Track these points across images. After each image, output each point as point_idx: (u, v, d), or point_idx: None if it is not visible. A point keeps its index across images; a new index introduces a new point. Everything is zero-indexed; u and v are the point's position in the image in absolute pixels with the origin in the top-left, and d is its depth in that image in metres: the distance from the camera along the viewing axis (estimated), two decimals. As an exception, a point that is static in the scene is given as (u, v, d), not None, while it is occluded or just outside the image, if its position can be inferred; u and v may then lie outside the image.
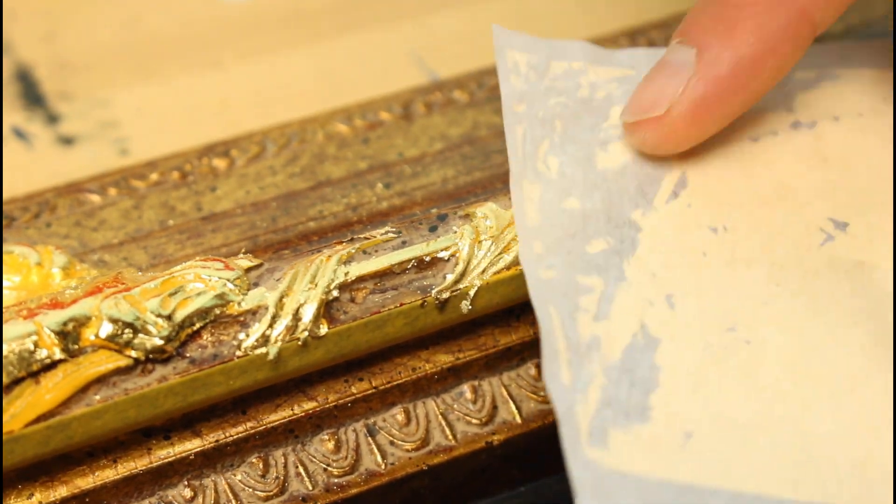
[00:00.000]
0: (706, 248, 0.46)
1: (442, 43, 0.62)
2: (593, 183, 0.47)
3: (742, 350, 0.44)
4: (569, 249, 0.45)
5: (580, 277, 0.45)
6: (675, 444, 0.43)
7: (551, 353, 0.43)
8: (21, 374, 0.42)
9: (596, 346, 0.44)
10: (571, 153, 0.47)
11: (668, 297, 0.45)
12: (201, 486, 0.46)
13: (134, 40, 0.62)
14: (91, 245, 0.49)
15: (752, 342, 0.45)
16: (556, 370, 0.43)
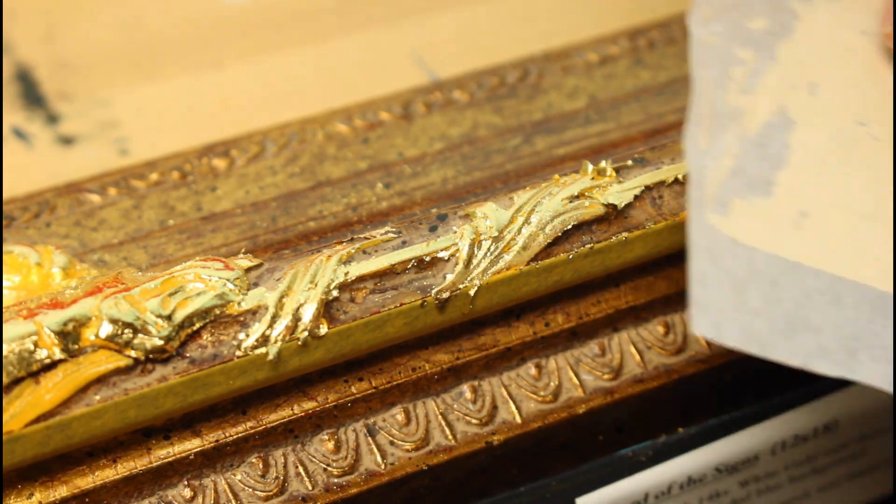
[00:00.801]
0: (854, 46, 0.48)
1: (442, 43, 0.62)
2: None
3: (869, 144, 0.46)
4: (733, 20, 0.47)
5: (737, 48, 0.47)
6: (790, 222, 0.44)
7: (696, 116, 0.45)
8: (21, 374, 0.42)
9: (737, 117, 0.45)
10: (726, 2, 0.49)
11: (810, 84, 0.47)
12: (201, 486, 0.46)
13: (134, 40, 0.62)
14: (91, 245, 0.49)
15: (880, 139, 0.46)
16: (696, 134, 0.44)
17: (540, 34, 0.62)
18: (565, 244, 0.47)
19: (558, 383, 0.49)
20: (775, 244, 0.44)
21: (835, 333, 0.43)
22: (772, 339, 0.42)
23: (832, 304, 0.43)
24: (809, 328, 0.43)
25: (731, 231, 0.44)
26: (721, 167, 0.45)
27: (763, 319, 0.42)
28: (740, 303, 0.42)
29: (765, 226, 0.44)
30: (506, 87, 0.56)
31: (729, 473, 0.52)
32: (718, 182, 0.44)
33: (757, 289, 0.43)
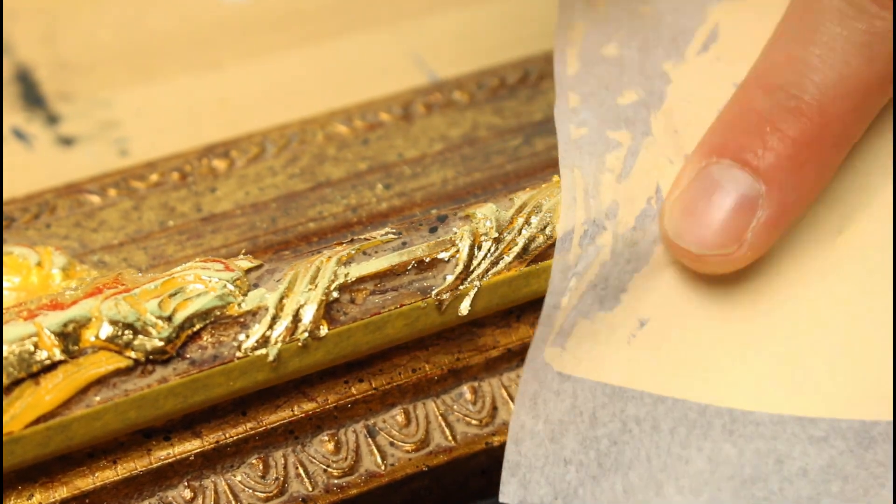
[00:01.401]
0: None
1: (442, 43, 0.62)
2: (634, 29, 0.48)
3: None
4: (601, 101, 0.47)
5: (609, 132, 0.46)
6: (626, 336, 0.45)
7: (565, 230, 0.45)
8: (21, 375, 0.42)
9: (613, 213, 0.45)
10: (594, 90, 0.49)
11: (686, 157, 0.46)
12: (201, 487, 0.46)
13: (134, 41, 0.62)
14: (91, 246, 0.49)
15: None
16: (566, 249, 0.45)
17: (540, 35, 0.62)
18: (565, 245, 0.47)
19: (558, 384, 0.49)
20: (604, 370, 0.45)
21: (644, 469, 0.44)
22: (580, 489, 0.43)
23: (649, 432, 0.44)
24: (619, 467, 0.44)
25: (562, 365, 0.45)
26: (581, 285, 0.45)
27: (574, 468, 0.44)
28: (554, 453, 0.44)
29: (600, 347, 0.45)
30: (506, 88, 0.56)
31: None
32: (571, 307, 0.45)
33: (574, 431, 0.44)
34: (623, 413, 0.44)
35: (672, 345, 0.45)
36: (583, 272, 0.45)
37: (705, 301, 0.46)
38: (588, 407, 0.44)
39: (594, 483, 0.43)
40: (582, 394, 0.44)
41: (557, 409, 0.44)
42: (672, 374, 0.45)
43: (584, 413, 0.44)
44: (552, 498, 0.43)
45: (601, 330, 0.45)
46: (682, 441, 0.44)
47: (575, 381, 0.44)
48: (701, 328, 0.45)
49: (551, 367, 0.45)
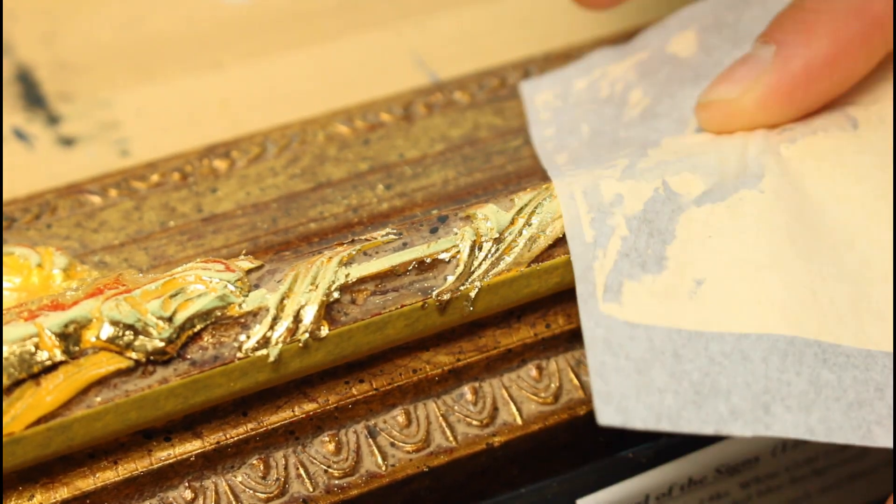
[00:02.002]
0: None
1: (442, 44, 0.62)
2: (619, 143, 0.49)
3: (755, 198, 0.47)
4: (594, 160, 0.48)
5: (603, 165, 0.48)
6: (686, 293, 0.45)
7: (571, 218, 0.46)
8: (22, 375, 0.42)
9: (619, 201, 0.46)
10: (599, 144, 0.50)
11: (689, 160, 0.48)
12: (202, 488, 0.46)
13: (134, 41, 0.62)
14: (92, 246, 0.49)
15: (765, 191, 0.47)
16: (577, 231, 0.45)
17: (540, 35, 0.62)
18: (566, 245, 0.47)
19: (559, 385, 0.49)
20: (673, 318, 0.45)
21: (745, 392, 0.43)
22: (682, 412, 0.43)
23: (740, 363, 0.44)
24: (719, 393, 0.43)
25: (626, 315, 0.44)
26: (609, 253, 0.45)
27: (670, 395, 0.43)
28: (645, 384, 0.43)
29: (660, 302, 0.45)
30: (507, 88, 0.56)
31: (730, 475, 0.52)
32: (608, 270, 0.45)
33: (661, 366, 0.43)
34: (707, 350, 0.44)
35: (739, 295, 0.45)
36: (605, 245, 0.45)
37: (760, 258, 0.46)
38: (668, 347, 0.44)
39: (696, 407, 0.43)
40: (658, 338, 0.44)
41: (636, 349, 0.43)
42: (749, 314, 0.45)
43: (666, 352, 0.44)
44: (656, 420, 0.42)
45: (657, 289, 0.45)
46: (777, 367, 0.44)
47: (646, 328, 0.44)
48: (763, 279, 0.45)
49: (615, 318, 0.44)
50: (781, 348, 0.44)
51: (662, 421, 0.42)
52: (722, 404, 0.43)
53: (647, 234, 0.46)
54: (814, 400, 0.44)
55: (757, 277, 0.45)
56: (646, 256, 0.45)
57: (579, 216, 0.46)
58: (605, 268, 0.45)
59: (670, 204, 0.46)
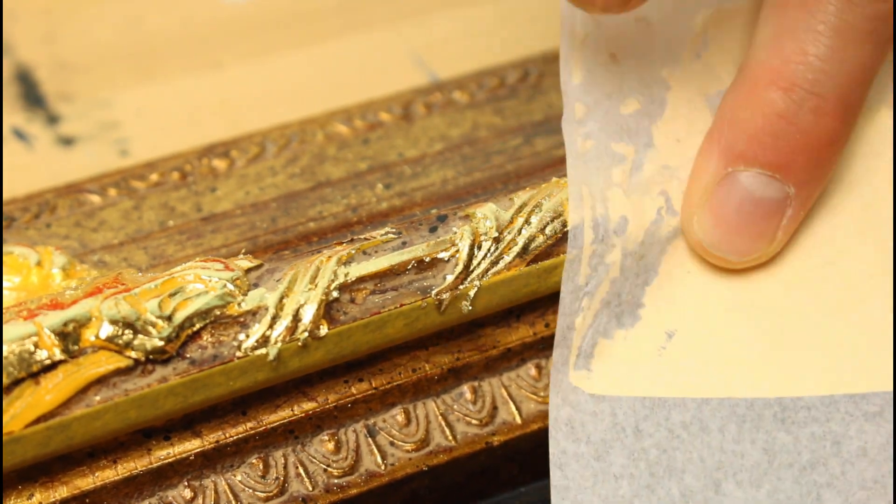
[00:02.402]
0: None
1: (442, 43, 0.62)
2: (631, 38, 0.48)
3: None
4: (605, 110, 0.47)
5: (614, 145, 0.47)
6: (655, 348, 0.45)
7: (575, 248, 0.45)
8: (21, 374, 0.42)
9: (622, 229, 0.45)
10: (599, 99, 0.49)
11: (690, 163, 0.47)
12: (201, 487, 0.46)
13: (134, 41, 0.62)
14: (91, 246, 0.49)
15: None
16: (575, 271, 0.45)
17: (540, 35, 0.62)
18: (565, 245, 0.47)
19: (558, 384, 0.49)
20: (639, 385, 0.45)
21: (699, 470, 0.44)
22: (634, 500, 0.43)
23: (698, 434, 0.44)
24: (673, 473, 0.44)
25: (593, 387, 0.45)
26: (594, 303, 0.45)
27: (626, 481, 0.43)
28: (603, 470, 0.44)
29: (628, 367, 0.45)
30: (506, 88, 0.56)
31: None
32: (586, 326, 0.45)
33: (620, 446, 0.44)
34: (668, 421, 0.44)
35: (706, 349, 0.45)
36: (594, 290, 0.45)
37: (730, 301, 0.46)
38: (630, 422, 0.44)
39: (649, 492, 0.43)
40: (621, 411, 0.44)
41: (598, 429, 0.44)
42: (712, 376, 0.45)
43: (627, 428, 0.44)
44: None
45: (626, 348, 0.45)
46: (734, 437, 0.44)
47: (611, 401, 0.44)
48: (733, 327, 0.45)
49: (581, 391, 0.45)
50: (740, 413, 0.44)
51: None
52: (675, 486, 0.44)
53: (634, 275, 0.46)
54: (766, 470, 0.44)
55: (726, 324, 0.45)
56: (624, 305, 0.46)
57: (583, 248, 0.45)
58: (585, 323, 0.45)
59: (666, 229, 0.46)
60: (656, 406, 0.44)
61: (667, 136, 0.48)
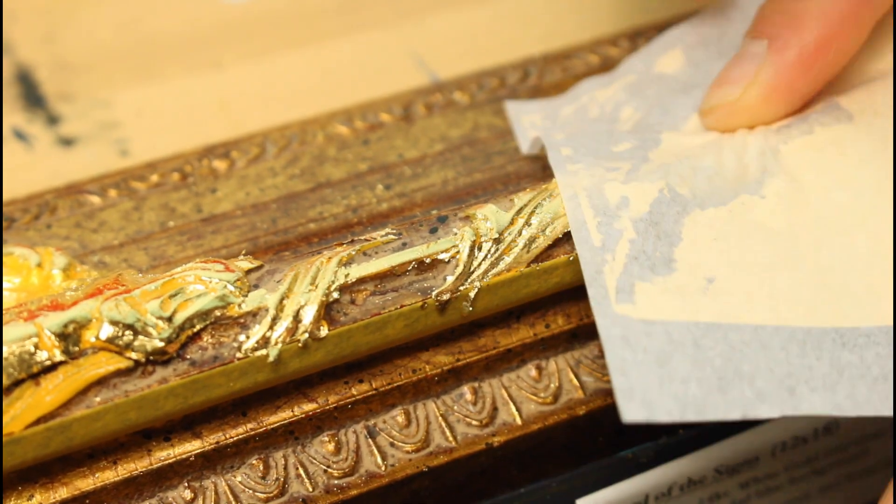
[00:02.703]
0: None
1: (442, 44, 0.62)
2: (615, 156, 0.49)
3: (756, 203, 0.47)
4: (595, 152, 0.48)
5: (606, 164, 0.48)
6: (697, 289, 0.45)
7: (577, 222, 0.46)
8: (21, 375, 0.42)
9: (625, 204, 0.46)
10: (586, 144, 0.49)
11: (689, 162, 0.48)
12: (201, 488, 0.46)
13: (134, 41, 0.62)
14: (91, 246, 0.49)
15: (766, 196, 0.47)
16: (585, 236, 0.45)
17: (540, 35, 0.62)
18: (566, 246, 0.47)
19: (559, 385, 0.49)
20: (689, 312, 0.45)
21: (769, 376, 0.43)
22: (707, 399, 0.43)
23: (759, 350, 0.44)
24: (742, 378, 0.43)
25: (641, 314, 0.44)
26: (618, 257, 0.45)
27: (694, 383, 0.43)
28: (667, 375, 0.43)
29: (674, 298, 0.45)
30: (506, 89, 0.56)
31: (729, 475, 0.52)
32: (618, 273, 0.45)
33: (681, 356, 0.43)
34: (726, 338, 0.44)
35: (751, 292, 0.45)
36: (613, 248, 0.45)
37: (766, 251, 0.46)
38: (687, 339, 0.44)
39: (721, 393, 0.43)
40: (676, 331, 0.44)
41: (654, 343, 0.43)
42: (763, 308, 0.45)
43: (685, 343, 0.43)
44: (681, 411, 0.42)
45: (669, 288, 0.45)
46: (798, 354, 0.44)
47: (663, 324, 0.44)
48: (772, 277, 0.45)
49: (629, 317, 0.44)
50: (799, 338, 0.44)
51: (688, 411, 0.42)
52: (747, 388, 0.43)
53: (655, 237, 0.46)
54: (837, 380, 0.44)
55: (766, 277, 0.46)
56: (654, 259, 0.45)
57: (585, 221, 0.46)
58: (615, 271, 0.45)
59: (675, 206, 0.47)
60: (711, 327, 0.44)
61: (663, 155, 0.49)
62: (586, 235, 0.45)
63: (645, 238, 0.46)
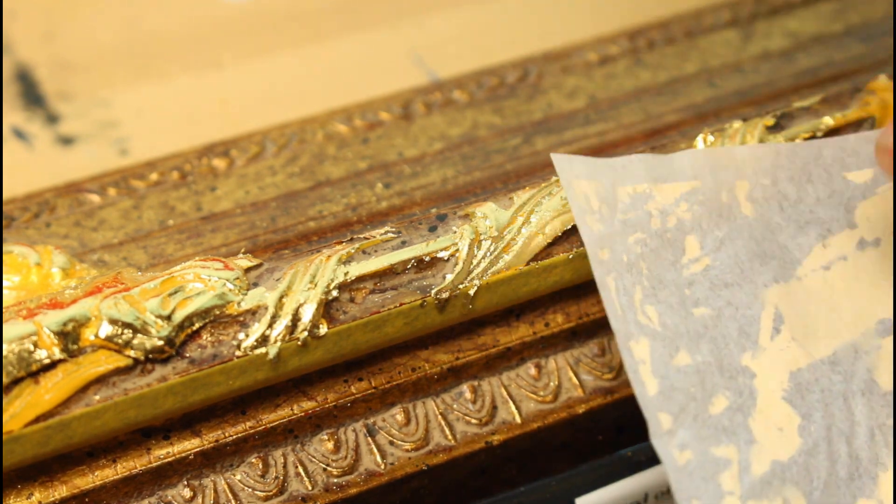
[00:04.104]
0: (821, 384, 0.47)
1: (442, 43, 0.62)
2: (696, 332, 0.47)
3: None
4: (694, 415, 0.45)
5: (713, 449, 0.45)
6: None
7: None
8: (21, 374, 0.42)
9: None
10: (665, 299, 0.47)
11: (801, 456, 0.45)
12: (201, 486, 0.46)
13: (134, 40, 0.62)
14: (91, 245, 0.49)
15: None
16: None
17: (540, 34, 0.62)
18: (565, 244, 0.47)
19: (558, 383, 0.49)
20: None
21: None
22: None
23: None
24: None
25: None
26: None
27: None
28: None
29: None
30: (506, 87, 0.56)
31: (729, 473, 0.52)
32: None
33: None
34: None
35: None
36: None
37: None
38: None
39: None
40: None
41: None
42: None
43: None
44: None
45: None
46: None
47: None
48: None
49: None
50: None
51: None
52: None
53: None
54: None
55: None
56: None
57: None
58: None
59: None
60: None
61: (767, 428, 0.46)
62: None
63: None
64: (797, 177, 0.49)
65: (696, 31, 0.60)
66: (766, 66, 0.58)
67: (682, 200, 0.48)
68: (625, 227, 0.47)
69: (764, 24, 0.60)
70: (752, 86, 0.57)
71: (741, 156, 0.49)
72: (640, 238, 0.47)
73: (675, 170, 0.49)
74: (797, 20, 0.60)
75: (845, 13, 0.61)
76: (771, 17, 0.61)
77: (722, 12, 0.60)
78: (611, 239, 0.47)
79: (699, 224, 0.48)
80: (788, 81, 0.57)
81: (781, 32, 0.60)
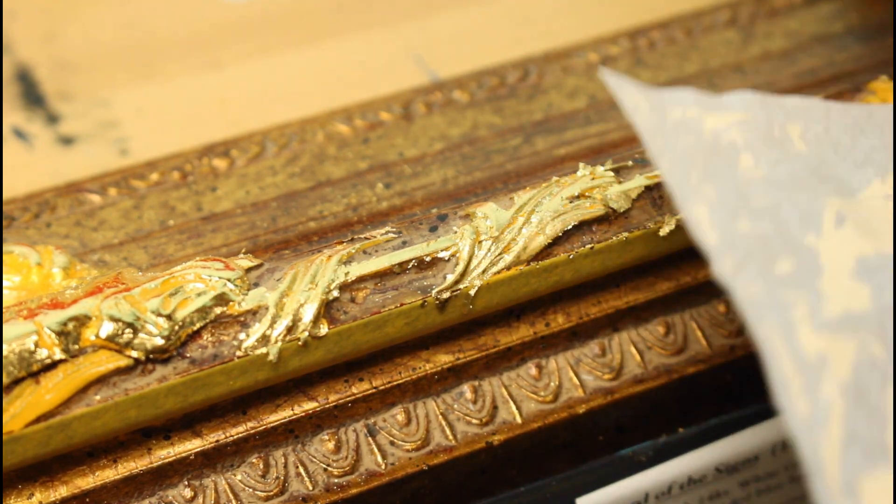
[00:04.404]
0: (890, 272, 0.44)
1: (442, 43, 0.62)
2: (755, 211, 0.44)
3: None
4: (758, 268, 0.42)
5: (782, 291, 0.42)
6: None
7: (781, 381, 0.39)
8: (21, 374, 0.42)
9: (824, 363, 0.40)
10: (721, 187, 0.44)
11: (875, 314, 0.42)
12: (201, 486, 0.46)
13: (134, 40, 0.62)
14: (91, 245, 0.49)
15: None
16: (790, 402, 0.39)
17: (540, 34, 0.62)
18: (566, 244, 0.47)
19: (558, 383, 0.49)
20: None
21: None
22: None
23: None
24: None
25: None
26: (832, 438, 0.39)
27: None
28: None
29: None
30: (506, 87, 0.56)
31: (729, 473, 0.52)
32: (838, 461, 0.39)
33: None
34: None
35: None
36: (823, 422, 0.40)
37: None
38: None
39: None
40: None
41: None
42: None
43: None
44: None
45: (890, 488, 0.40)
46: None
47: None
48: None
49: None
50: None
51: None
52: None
53: (866, 417, 0.40)
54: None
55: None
56: (871, 445, 0.39)
57: (787, 379, 0.40)
58: (833, 458, 0.39)
59: (876, 372, 0.41)
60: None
61: (836, 290, 0.43)
62: (791, 402, 0.39)
63: (855, 417, 0.40)
64: (850, 129, 0.47)
65: (696, 31, 0.60)
66: (767, 66, 0.58)
67: (733, 126, 0.46)
68: (676, 129, 0.45)
69: (764, 24, 0.60)
70: (752, 86, 0.57)
71: (792, 104, 0.47)
72: (691, 141, 0.45)
73: (725, 103, 0.47)
74: (797, 20, 0.60)
75: (845, 13, 0.61)
76: (771, 17, 0.61)
77: (722, 12, 0.60)
78: (662, 132, 0.44)
79: (752, 146, 0.46)
80: (789, 82, 0.57)
81: (782, 33, 0.60)
